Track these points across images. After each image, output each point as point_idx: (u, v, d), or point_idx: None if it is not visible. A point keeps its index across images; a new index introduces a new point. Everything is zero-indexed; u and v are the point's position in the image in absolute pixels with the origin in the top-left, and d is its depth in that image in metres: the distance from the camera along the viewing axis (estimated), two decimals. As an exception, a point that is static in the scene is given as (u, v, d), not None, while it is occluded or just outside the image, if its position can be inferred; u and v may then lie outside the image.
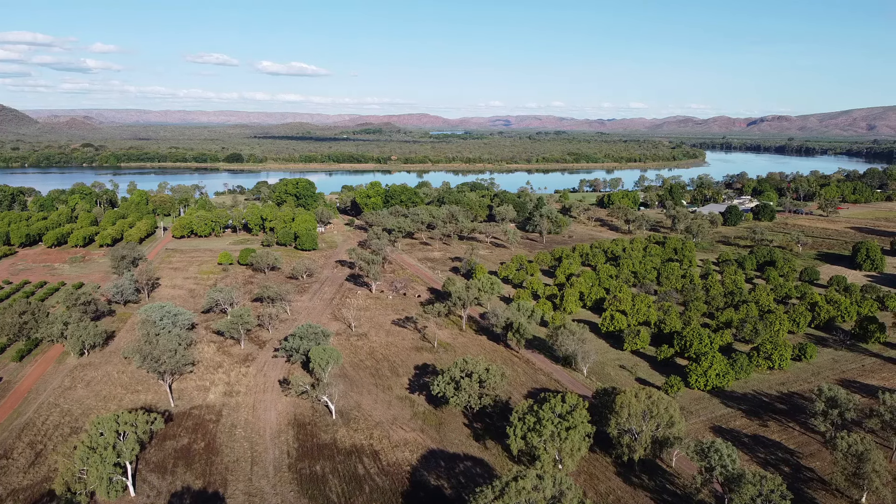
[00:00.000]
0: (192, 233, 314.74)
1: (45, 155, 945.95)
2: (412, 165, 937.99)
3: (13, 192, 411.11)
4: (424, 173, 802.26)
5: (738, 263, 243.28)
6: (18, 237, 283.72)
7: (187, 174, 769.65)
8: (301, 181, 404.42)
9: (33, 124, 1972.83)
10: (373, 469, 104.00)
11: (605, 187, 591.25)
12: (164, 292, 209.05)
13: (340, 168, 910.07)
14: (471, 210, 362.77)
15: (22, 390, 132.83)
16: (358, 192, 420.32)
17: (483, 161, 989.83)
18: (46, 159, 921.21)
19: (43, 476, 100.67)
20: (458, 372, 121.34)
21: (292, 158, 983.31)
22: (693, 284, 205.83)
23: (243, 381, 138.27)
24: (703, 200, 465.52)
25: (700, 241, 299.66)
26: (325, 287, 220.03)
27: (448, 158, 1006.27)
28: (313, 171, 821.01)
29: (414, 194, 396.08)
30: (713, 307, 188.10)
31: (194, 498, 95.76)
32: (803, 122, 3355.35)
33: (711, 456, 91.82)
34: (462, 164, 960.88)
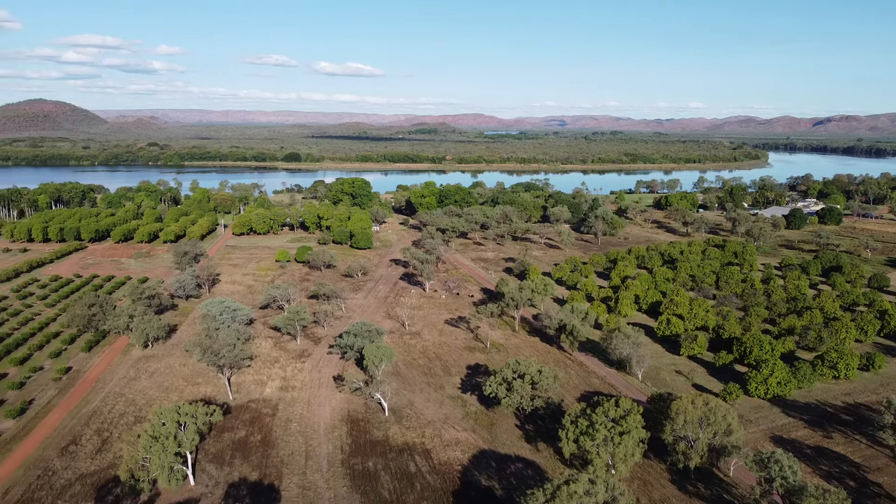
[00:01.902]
0: (251, 230, 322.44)
1: (114, 154, 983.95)
2: (466, 165, 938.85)
3: (84, 189, 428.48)
4: (478, 173, 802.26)
5: (801, 268, 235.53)
6: (88, 233, 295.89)
7: (247, 173, 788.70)
8: (357, 180, 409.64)
9: (103, 124, 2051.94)
10: (424, 467, 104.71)
11: (662, 189, 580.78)
12: (224, 288, 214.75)
13: (395, 168, 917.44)
14: (525, 210, 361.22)
15: (90, 379, 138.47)
16: (412, 192, 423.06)
17: (537, 161, 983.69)
18: (115, 158, 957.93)
19: (108, 462, 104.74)
20: (510, 373, 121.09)
21: (348, 158, 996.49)
22: (754, 289, 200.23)
23: (299, 377, 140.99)
24: (766, 203, 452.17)
25: (762, 245, 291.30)
26: (379, 285, 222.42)
27: (502, 158, 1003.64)
28: (369, 171, 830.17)
29: (468, 194, 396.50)
30: (775, 313, 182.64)
31: (250, 489, 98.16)
32: (873, 121, 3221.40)
33: (771, 466, 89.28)
34: (516, 165, 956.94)
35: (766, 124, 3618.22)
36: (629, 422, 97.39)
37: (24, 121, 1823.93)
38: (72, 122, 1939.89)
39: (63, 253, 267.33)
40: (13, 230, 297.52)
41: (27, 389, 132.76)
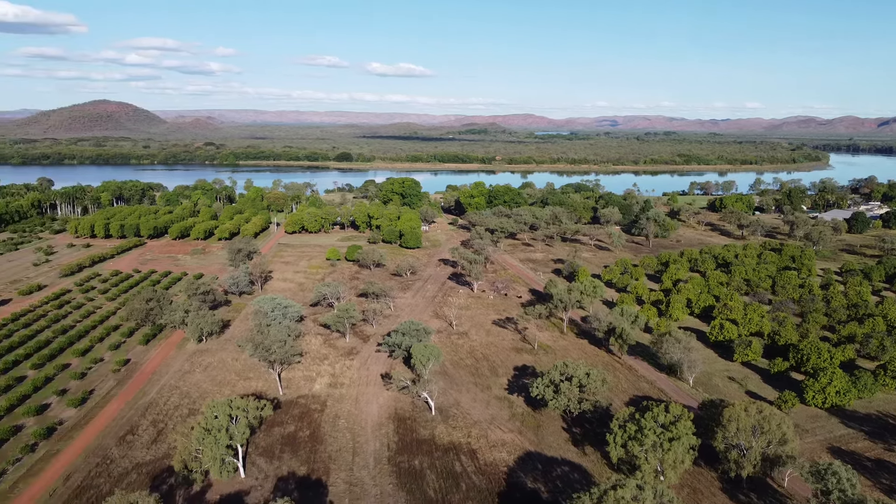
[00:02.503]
0: (302, 229, 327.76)
1: (172, 153, 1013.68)
2: (516, 166, 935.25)
3: (143, 187, 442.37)
4: (528, 174, 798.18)
5: (863, 274, 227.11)
6: (147, 229, 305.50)
7: (299, 172, 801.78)
8: (407, 180, 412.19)
9: (162, 124, 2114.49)
10: (470, 467, 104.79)
11: (716, 190, 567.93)
12: (276, 285, 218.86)
13: (445, 168, 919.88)
14: (574, 212, 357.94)
15: (147, 372, 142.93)
16: (462, 192, 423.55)
17: (588, 162, 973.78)
18: (173, 157, 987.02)
19: (163, 453, 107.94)
20: (557, 375, 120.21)
21: (399, 158, 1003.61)
22: (812, 295, 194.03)
23: (347, 374, 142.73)
24: (826, 206, 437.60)
25: (821, 249, 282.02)
26: (427, 285, 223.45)
27: (552, 159, 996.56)
28: (419, 171, 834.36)
29: (517, 195, 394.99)
30: (834, 320, 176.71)
31: (299, 483, 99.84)
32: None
33: (828, 478, 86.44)
34: (567, 165, 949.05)
35: (827, 125, 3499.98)
36: (679, 428, 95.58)
37: (88, 121, 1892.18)
38: (133, 122, 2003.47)
39: (123, 249, 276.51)
40: (77, 226, 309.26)
41: (88, 380, 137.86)
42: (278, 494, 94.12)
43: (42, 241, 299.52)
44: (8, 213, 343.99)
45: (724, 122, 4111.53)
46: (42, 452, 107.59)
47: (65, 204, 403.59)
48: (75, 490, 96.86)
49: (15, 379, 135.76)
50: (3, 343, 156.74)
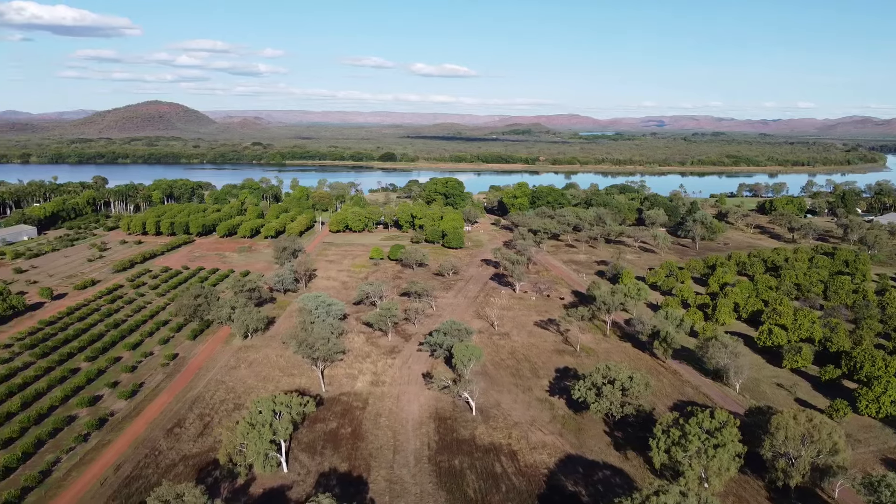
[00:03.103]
0: (346, 228, 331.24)
1: (221, 152, 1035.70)
2: (560, 166, 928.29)
3: (193, 186, 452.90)
4: (572, 174, 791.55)
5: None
6: (196, 227, 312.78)
7: (344, 172, 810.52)
8: (450, 180, 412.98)
9: (211, 124, 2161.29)
10: (510, 469, 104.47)
11: (766, 192, 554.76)
12: (320, 283, 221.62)
13: (488, 168, 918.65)
14: (619, 213, 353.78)
15: (194, 366, 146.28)
16: (505, 193, 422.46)
17: (633, 163, 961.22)
18: (221, 156, 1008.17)
19: (209, 446, 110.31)
20: (599, 378, 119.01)
21: (442, 158, 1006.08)
22: (866, 301, 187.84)
23: (389, 372, 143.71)
24: (882, 209, 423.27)
25: (877, 254, 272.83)
26: (469, 285, 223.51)
27: (597, 160, 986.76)
28: (462, 171, 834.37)
29: (561, 195, 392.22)
30: (890, 327, 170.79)
31: (340, 479, 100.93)
32: None
33: (882, 491, 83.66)
34: (611, 166, 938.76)
35: (884, 125, 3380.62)
36: (725, 434, 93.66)
37: (141, 121, 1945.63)
38: (184, 122, 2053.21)
39: (173, 246, 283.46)
40: (129, 223, 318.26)
41: (138, 373, 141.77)
42: (320, 490, 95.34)
43: (96, 237, 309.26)
44: (65, 211, 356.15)
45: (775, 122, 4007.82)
46: (94, 442, 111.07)
47: (118, 202, 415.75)
48: (125, 480, 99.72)
49: (70, 370, 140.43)
50: (59, 336, 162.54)
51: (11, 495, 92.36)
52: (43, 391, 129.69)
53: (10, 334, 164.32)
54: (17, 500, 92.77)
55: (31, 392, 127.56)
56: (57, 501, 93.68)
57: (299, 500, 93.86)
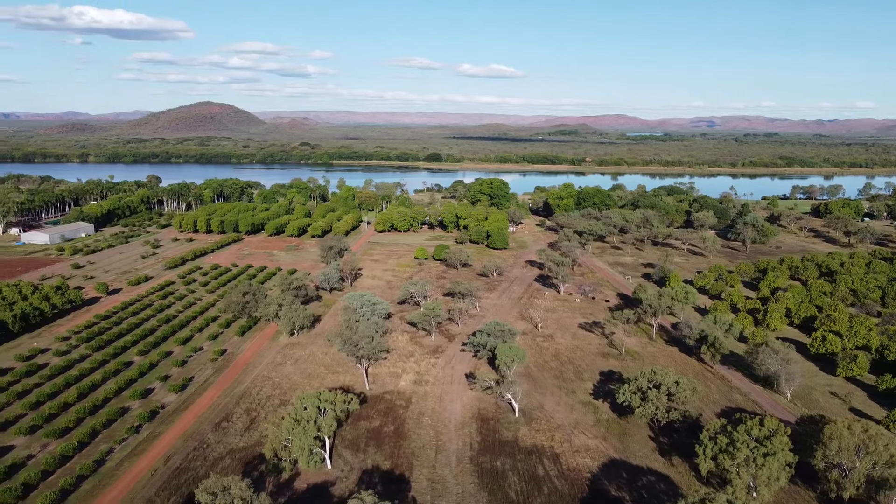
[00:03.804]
0: (392, 227, 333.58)
1: (269, 153, 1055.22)
2: (606, 167, 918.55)
3: (242, 185, 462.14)
4: (619, 175, 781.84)
5: None
6: (245, 226, 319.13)
7: (390, 172, 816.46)
8: (495, 181, 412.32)
9: (261, 125, 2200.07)
10: (552, 471, 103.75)
11: (821, 195, 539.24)
12: (365, 282, 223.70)
13: (534, 169, 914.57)
14: (667, 215, 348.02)
15: (241, 362, 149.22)
16: (550, 194, 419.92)
17: (682, 164, 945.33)
18: (270, 156, 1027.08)
19: (255, 440, 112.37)
20: (645, 382, 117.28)
21: (487, 159, 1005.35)
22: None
23: (432, 372, 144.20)
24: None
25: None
26: (513, 286, 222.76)
27: (644, 161, 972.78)
28: (507, 172, 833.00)
29: (607, 197, 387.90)
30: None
31: (382, 477, 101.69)
32: None
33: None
34: (659, 167, 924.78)
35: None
36: (775, 443, 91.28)
37: (194, 121, 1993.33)
38: (234, 122, 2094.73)
39: (223, 244, 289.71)
40: (181, 221, 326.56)
41: (188, 367, 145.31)
42: (363, 487, 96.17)
43: (150, 234, 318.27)
44: (120, 209, 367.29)
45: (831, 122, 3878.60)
46: (145, 434, 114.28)
47: (171, 200, 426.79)
48: (174, 471, 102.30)
49: (123, 364, 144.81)
50: (113, 330, 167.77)
51: (67, 483, 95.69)
52: (98, 383, 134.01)
53: (68, 327, 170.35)
54: (72, 487, 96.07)
55: (87, 384, 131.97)
56: (110, 490, 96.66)
57: (342, 497, 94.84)
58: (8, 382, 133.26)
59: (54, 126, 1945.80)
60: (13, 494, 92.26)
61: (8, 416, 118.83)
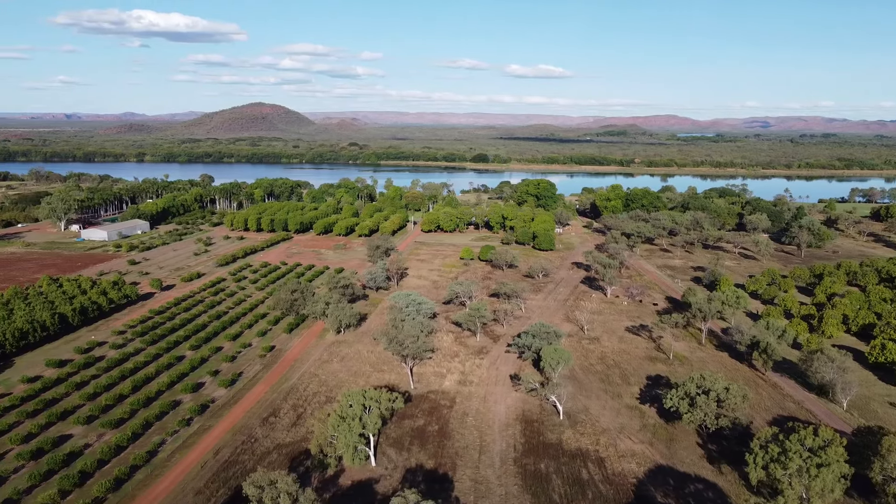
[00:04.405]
0: (438, 228, 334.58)
1: (319, 153, 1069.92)
2: (656, 169, 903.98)
3: (292, 185, 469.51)
4: (668, 177, 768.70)
5: None
6: (294, 224, 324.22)
7: (437, 172, 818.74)
8: (542, 182, 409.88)
9: (310, 125, 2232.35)
10: (597, 476, 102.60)
11: (882, 198, 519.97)
12: (411, 282, 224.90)
13: (581, 170, 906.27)
14: (718, 217, 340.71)
15: (289, 359, 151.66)
16: (598, 195, 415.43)
17: (735, 165, 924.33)
18: (319, 156, 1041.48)
19: (301, 436, 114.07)
20: (693, 387, 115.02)
21: (535, 159, 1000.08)
22: None
23: (476, 372, 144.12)
24: None
25: None
26: (559, 288, 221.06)
27: (695, 162, 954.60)
28: (554, 173, 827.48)
29: (656, 198, 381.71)
30: None
31: (426, 476, 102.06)
32: None
33: None
34: (710, 169, 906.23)
35: None
36: (829, 454, 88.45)
37: (246, 122, 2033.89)
38: (285, 123, 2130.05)
39: (272, 242, 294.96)
40: (233, 220, 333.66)
41: (237, 363, 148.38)
42: (406, 485, 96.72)
43: (202, 232, 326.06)
44: (174, 207, 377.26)
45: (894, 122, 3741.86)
46: (196, 427, 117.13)
47: (223, 199, 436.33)
48: (223, 464, 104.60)
49: (176, 358, 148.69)
50: (167, 324, 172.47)
51: (122, 472, 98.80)
52: (151, 376, 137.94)
53: (124, 321, 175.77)
54: (126, 476, 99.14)
55: (142, 376, 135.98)
56: (162, 481, 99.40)
57: (386, 494, 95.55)
58: (67, 373, 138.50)
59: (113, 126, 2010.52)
60: (71, 482, 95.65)
61: (67, 406, 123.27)
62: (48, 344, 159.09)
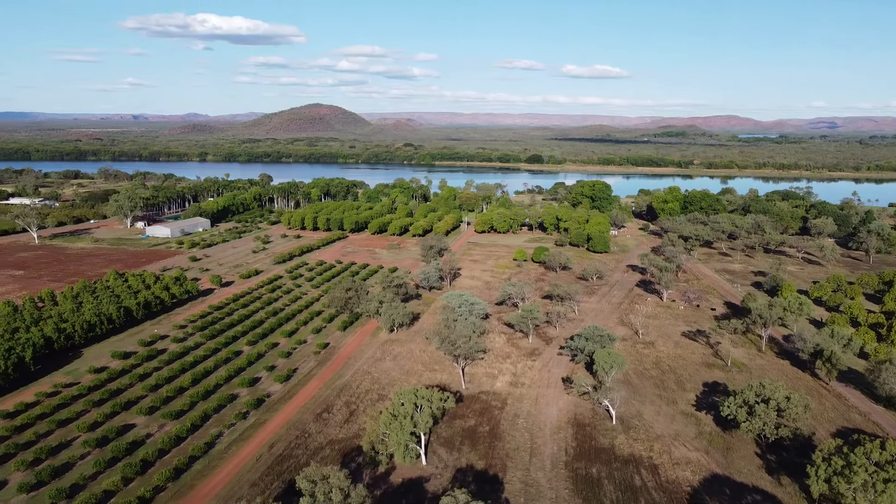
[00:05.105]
0: (491, 228, 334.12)
1: (374, 153, 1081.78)
2: (715, 170, 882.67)
3: (348, 185, 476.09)
4: (729, 179, 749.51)
5: None
6: (349, 224, 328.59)
7: (491, 173, 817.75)
8: (597, 183, 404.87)
9: (366, 126, 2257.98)
10: (650, 482, 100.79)
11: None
12: (464, 282, 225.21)
13: (638, 171, 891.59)
14: (780, 221, 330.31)
15: (343, 356, 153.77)
16: (654, 197, 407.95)
17: (799, 167, 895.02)
18: (375, 157, 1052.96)
19: (354, 433, 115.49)
20: (752, 395, 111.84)
21: (590, 160, 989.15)
22: None
23: (528, 374, 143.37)
24: None
25: None
26: (613, 290, 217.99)
27: (757, 164, 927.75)
28: (610, 174, 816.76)
29: (715, 201, 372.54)
30: None
31: (476, 476, 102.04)
32: None
33: None
34: (773, 171, 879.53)
35: None
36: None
37: (304, 123, 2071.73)
38: (342, 123, 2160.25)
39: (328, 241, 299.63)
40: (290, 219, 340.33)
41: (293, 359, 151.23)
42: (456, 485, 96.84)
43: (260, 230, 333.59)
44: (234, 205, 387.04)
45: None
46: (252, 420, 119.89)
47: (280, 198, 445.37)
48: (277, 458, 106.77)
49: (234, 353, 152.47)
50: (225, 320, 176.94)
51: (181, 462, 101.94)
52: (210, 370, 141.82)
53: (185, 316, 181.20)
54: (185, 466, 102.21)
55: (201, 370, 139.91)
56: (219, 472, 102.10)
57: (436, 493, 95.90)
58: (132, 365, 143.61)
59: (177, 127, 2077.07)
60: (133, 469, 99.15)
61: (131, 397, 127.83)
62: (114, 336, 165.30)
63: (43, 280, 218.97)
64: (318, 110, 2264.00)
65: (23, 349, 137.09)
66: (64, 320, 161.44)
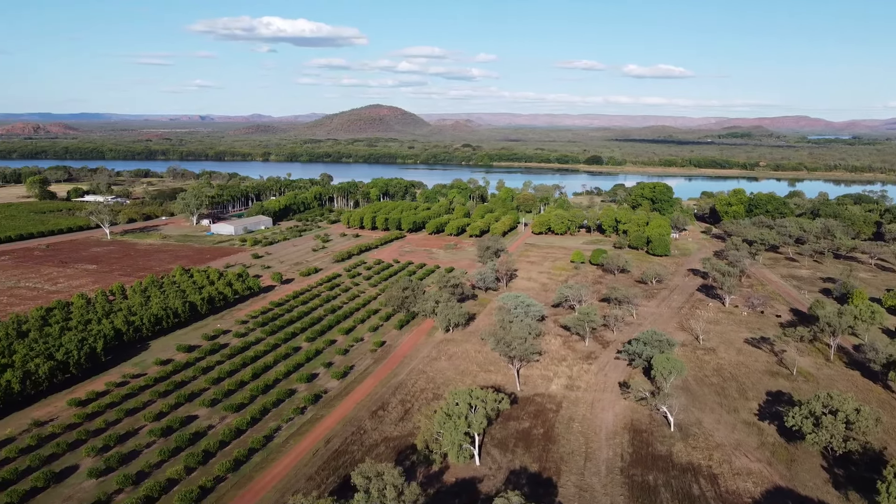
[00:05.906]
0: (549, 230, 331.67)
1: (433, 153, 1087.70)
2: (783, 173, 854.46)
3: (406, 185, 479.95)
4: (797, 182, 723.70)
5: None
6: (407, 224, 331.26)
7: (549, 174, 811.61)
8: (658, 185, 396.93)
9: (425, 126, 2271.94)
10: (709, 492, 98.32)
11: None
12: (520, 283, 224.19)
13: (701, 173, 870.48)
14: (852, 226, 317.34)
15: (399, 355, 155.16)
16: (718, 199, 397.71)
17: (873, 170, 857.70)
18: (433, 157, 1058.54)
19: (408, 431, 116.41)
20: (819, 406, 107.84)
21: (651, 162, 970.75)
22: None
23: (584, 378, 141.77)
24: None
25: None
26: (673, 295, 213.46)
27: (828, 166, 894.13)
28: (671, 176, 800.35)
29: (782, 204, 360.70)
30: None
31: (529, 479, 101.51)
32: None
33: None
34: (845, 173, 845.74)
35: None
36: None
37: (364, 123, 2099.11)
38: (401, 124, 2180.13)
39: (386, 240, 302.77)
40: (349, 218, 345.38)
41: (350, 356, 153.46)
42: (510, 486, 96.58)
43: (320, 229, 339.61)
44: (296, 204, 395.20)
45: None
46: (309, 415, 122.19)
47: (340, 197, 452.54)
48: (333, 453, 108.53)
49: (293, 348, 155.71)
50: (285, 316, 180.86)
51: (241, 454, 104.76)
52: (270, 365, 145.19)
53: (247, 312, 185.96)
54: (245, 458, 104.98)
55: (261, 365, 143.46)
56: (276, 465, 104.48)
57: (489, 494, 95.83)
58: (195, 358, 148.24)
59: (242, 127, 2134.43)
60: (195, 459, 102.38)
61: (194, 389, 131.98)
62: (179, 330, 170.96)
63: (114, 274, 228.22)
64: (378, 111, 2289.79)
65: (95, 340, 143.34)
66: (133, 313, 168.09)
